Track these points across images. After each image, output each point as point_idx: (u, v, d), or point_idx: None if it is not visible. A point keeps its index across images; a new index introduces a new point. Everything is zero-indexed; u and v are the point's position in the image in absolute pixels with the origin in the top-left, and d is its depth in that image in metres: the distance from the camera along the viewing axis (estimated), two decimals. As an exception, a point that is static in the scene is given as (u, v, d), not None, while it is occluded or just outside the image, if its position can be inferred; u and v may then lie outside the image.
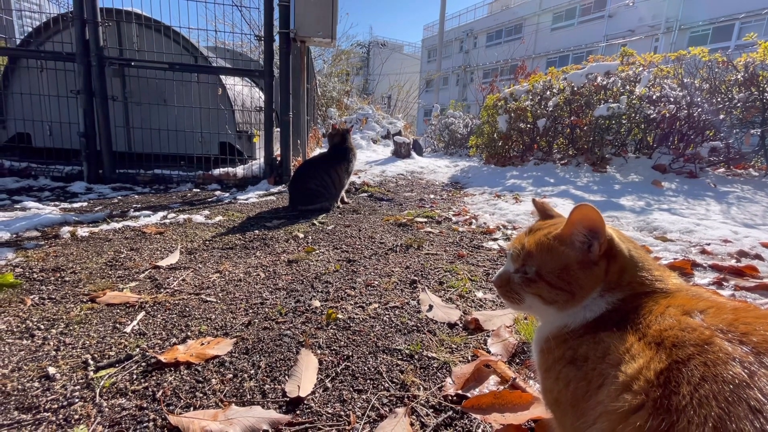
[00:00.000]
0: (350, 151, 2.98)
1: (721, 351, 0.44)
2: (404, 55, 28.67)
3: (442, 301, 1.38)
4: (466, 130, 8.81)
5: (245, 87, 4.56)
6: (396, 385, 0.93)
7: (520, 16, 24.42)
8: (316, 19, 3.44)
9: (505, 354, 1.05)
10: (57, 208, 2.59)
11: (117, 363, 0.97)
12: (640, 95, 3.95)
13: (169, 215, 2.54)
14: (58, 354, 1.00)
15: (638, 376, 0.46)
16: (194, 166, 3.90)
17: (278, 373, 0.95)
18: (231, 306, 1.32)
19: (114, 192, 3.31)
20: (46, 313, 1.21)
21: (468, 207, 3.10)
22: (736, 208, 2.80)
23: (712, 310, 0.51)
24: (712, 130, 3.98)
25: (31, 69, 3.61)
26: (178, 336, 1.11)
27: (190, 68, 3.78)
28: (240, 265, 1.72)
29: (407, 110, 14.06)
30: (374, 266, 1.74)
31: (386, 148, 7.42)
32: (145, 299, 1.32)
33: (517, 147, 5.46)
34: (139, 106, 3.82)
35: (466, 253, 1.95)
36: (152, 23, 3.72)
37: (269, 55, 3.57)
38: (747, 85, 3.60)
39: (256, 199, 3.20)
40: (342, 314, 1.27)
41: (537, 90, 4.95)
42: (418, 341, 1.12)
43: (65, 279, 1.48)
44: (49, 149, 3.76)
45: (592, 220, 0.61)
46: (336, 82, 11.08)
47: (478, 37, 27.67)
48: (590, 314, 0.61)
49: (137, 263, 1.68)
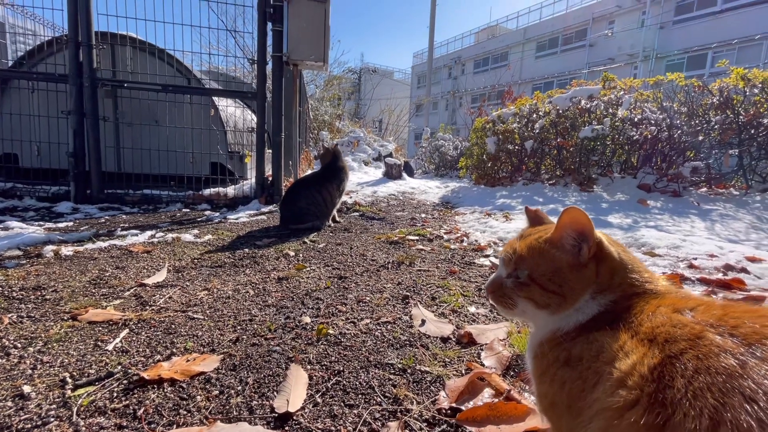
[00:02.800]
0: (342, 170, 3.00)
1: (713, 344, 0.44)
2: (395, 81, 29.43)
3: (435, 316, 1.37)
4: (455, 152, 8.96)
5: (237, 109, 4.61)
6: (388, 399, 0.90)
7: (505, 45, 25.42)
8: (309, 43, 3.54)
9: (499, 367, 1.03)
10: (41, 228, 2.54)
11: (97, 381, 0.93)
12: (623, 118, 4.09)
13: (157, 234, 2.50)
14: (34, 372, 0.95)
15: (632, 372, 0.46)
16: (184, 187, 3.88)
17: (267, 389, 0.92)
18: (219, 323, 1.28)
19: (101, 212, 3.26)
20: (24, 331, 1.16)
21: (459, 225, 3.11)
22: (720, 224, 2.87)
23: (702, 308, 0.51)
24: (693, 151, 4.11)
25: (22, 90, 3.61)
26: (163, 353, 1.08)
27: (184, 90, 3.82)
28: (229, 282, 1.69)
29: (398, 133, 14.32)
30: (366, 283, 1.72)
31: (377, 170, 7.49)
32: (129, 317, 1.28)
33: (505, 168, 5.56)
34: (130, 127, 3.82)
35: (458, 269, 1.94)
36: (146, 46, 3.78)
37: (262, 78, 3.63)
38: (722, 108, 3.76)
39: (246, 219, 3.18)
40: (333, 330, 1.24)
41: (524, 113, 5.10)
42: (411, 355, 1.09)
43: (46, 297, 1.43)
44: (36, 170, 3.72)
45: (581, 224, 0.62)
46: (328, 106, 11.28)
47: (466, 63, 28.63)
48: (583, 316, 0.61)
49: (122, 281, 1.64)
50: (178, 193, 3.77)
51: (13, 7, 3.81)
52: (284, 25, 3.52)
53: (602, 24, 20.13)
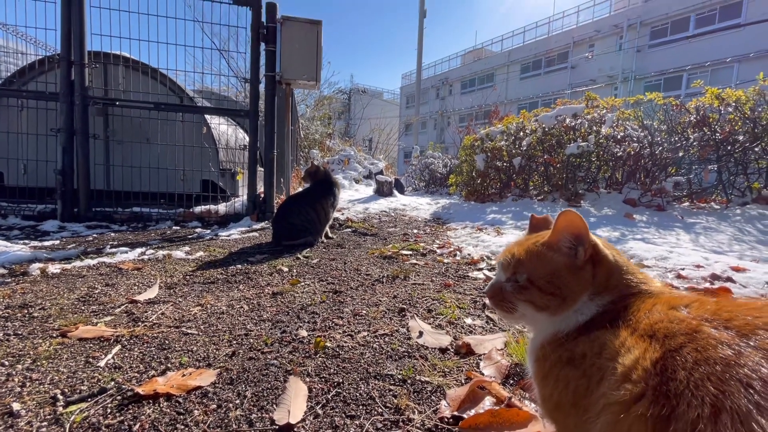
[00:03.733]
0: (334, 185, 3.02)
1: (710, 337, 0.46)
2: (384, 101, 29.98)
3: (432, 328, 1.37)
4: (445, 169, 9.09)
5: (230, 127, 4.64)
6: (390, 409, 0.89)
7: (491, 66, 26.23)
8: (302, 63, 3.61)
9: (498, 376, 1.04)
10: (26, 246, 2.48)
11: (89, 397, 0.90)
12: (606, 135, 4.23)
13: (148, 251, 2.46)
14: (23, 390, 0.92)
15: (636, 366, 0.47)
16: (175, 204, 3.85)
17: (265, 402, 0.91)
18: (213, 338, 1.26)
19: (89, 230, 3.20)
20: (11, 349, 1.13)
21: (452, 240, 3.14)
22: (704, 237, 2.95)
23: (696, 304, 0.53)
24: (674, 167, 4.26)
25: (11, 108, 3.59)
26: (158, 368, 1.05)
27: (176, 108, 3.84)
28: (222, 298, 1.66)
29: (388, 152, 14.49)
30: (361, 297, 1.72)
31: (368, 188, 7.54)
32: (121, 333, 1.25)
33: (495, 184, 5.66)
34: (121, 145, 3.80)
35: (453, 282, 1.95)
36: (139, 65, 3.80)
37: (254, 96, 3.68)
38: (699, 126, 3.92)
39: (238, 236, 3.15)
40: (330, 343, 1.23)
41: (511, 131, 5.23)
42: (410, 366, 1.09)
43: (33, 315, 1.39)
44: (22, 188, 3.65)
45: (576, 227, 0.65)
46: (318, 126, 11.41)
47: (453, 84, 29.38)
48: (582, 317, 0.62)
49: (113, 298, 1.60)
50: (169, 211, 3.73)
51: (5, 27, 3.82)
52: (277, 45, 3.59)
53: (583, 47, 20.99)
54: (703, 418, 0.39)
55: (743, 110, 3.72)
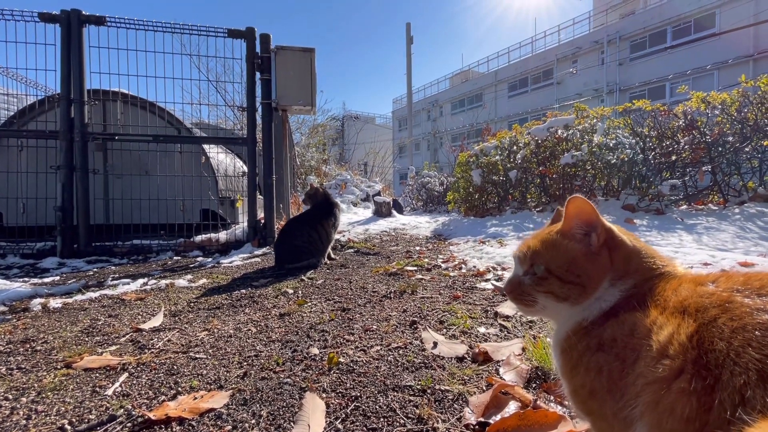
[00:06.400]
0: (334, 205, 3.02)
1: (743, 306, 0.45)
2: (377, 126, 30.51)
3: (446, 339, 1.34)
4: (442, 187, 9.15)
5: (227, 156, 4.69)
6: (412, 419, 0.86)
7: (479, 87, 26.90)
8: (297, 89, 3.70)
9: (519, 380, 1.01)
10: (26, 284, 2.44)
11: (98, 426, 0.86)
12: (599, 143, 4.30)
13: (150, 282, 2.43)
14: (29, 423, 0.88)
15: (671, 341, 0.46)
16: (175, 235, 3.83)
17: (282, 420, 0.87)
18: (223, 361, 1.23)
19: (89, 265, 3.16)
20: (15, 383, 1.09)
21: (455, 254, 3.12)
22: (707, 236, 2.95)
23: (723, 279, 0.53)
24: (668, 171, 4.31)
25: (10, 148, 3.62)
26: (167, 393, 1.02)
27: (175, 139, 3.88)
28: (229, 322, 1.63)
29: (384, 174, 14.62)
30: (370, 313, 1.69)
31: (366, 210, 7.56)
32: (127, 361, 1.22)
33: (492, 199, 5.69)
34: (120, 178, 3.82)
35: (461, 294, 1.93)
36: (138, 101, 3.88)
37: (252, 124, 3.74)
38: (689, 129, 3.99)
39: (240, 262, 3.13)
40: (344, 358, 1.20)
41: (505, 145, 5.31)
42: (428, 376, 1.06)
43: (36, 349, 1.36)
44: (21, 227, 3.64)
45: (586, 213, 0.64)
46: (314, 152, 11.55)
47: (444, 106, 30.02)
48: (605, 304, 0.61)
49: (117, 328, 1.57)
50: (169, 242, 3.71)
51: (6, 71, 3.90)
52: (272, 73, 3.69)
53: (566, 63, 21.63)
54: (750, 384, 0.38)
55: (729, 112, 3.80)
